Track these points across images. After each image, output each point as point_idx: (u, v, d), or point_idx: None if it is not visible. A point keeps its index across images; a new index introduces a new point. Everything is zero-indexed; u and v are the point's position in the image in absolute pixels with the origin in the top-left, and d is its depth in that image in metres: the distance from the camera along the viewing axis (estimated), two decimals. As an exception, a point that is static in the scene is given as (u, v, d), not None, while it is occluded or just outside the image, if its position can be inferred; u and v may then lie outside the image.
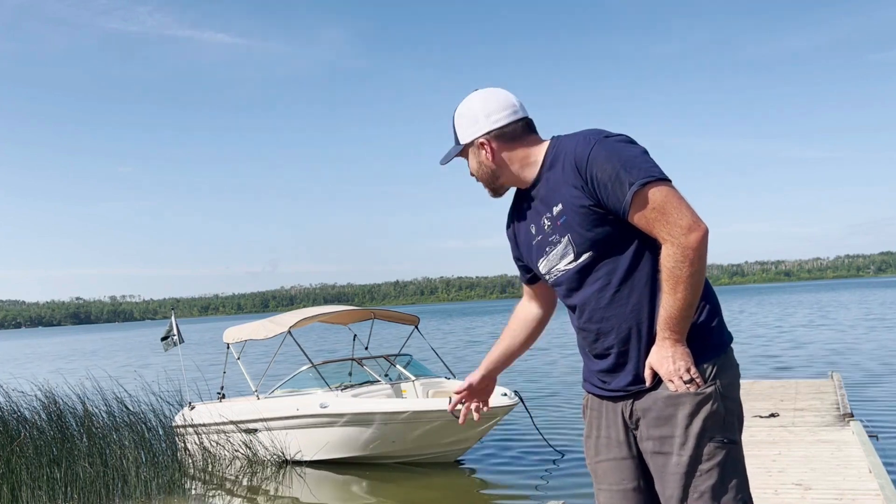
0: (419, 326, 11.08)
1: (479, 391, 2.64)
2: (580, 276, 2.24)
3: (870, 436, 7.01)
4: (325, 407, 8.97)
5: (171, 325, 10.81)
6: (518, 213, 2.43)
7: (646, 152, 2.15)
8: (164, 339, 10.85)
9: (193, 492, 8.70)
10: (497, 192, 2.36)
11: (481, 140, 2.31)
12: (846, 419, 7.80)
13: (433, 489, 8.35)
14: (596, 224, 2.16)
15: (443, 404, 8.43)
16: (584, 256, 2.20)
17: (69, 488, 7.90)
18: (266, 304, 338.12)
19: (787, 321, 35.17)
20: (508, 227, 2.53)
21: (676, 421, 2.14)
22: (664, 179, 2.09)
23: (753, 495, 2.27)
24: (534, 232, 2.34)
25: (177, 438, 9.56)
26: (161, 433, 9.35)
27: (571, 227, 2.20)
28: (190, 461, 9.39)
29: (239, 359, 10.32)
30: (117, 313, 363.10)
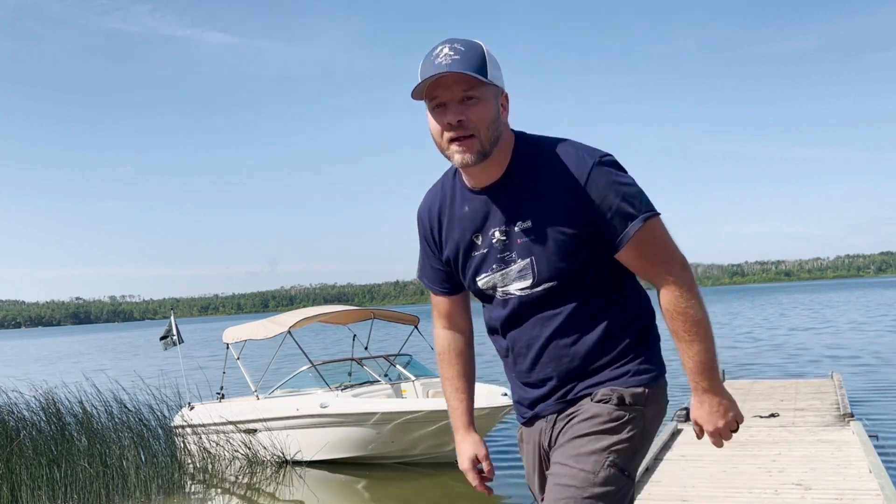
0: (419, 326, 11.08)
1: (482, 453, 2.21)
2: (532, 304, 1.99)
3: (870, 436, 7.01)
4: (325, 407, 8.96)
5: (170, 325, 10.81)
6: (452, 211, 2.05)
7: (634, 178, 1.96)
8: (163, 338, 10.85)
9: (193, 492, 8.70)
10: (486, 156, 1.90)
11: (506, 94, 1.97)
12: (846, 419, 7.80)
13: (433, 489, 8.34)
14: (571, 254, 1.92)
15: (443, 404, 8.43)
16: (545, 286, 1.95)
17: (69, 488, 7.89)
18: (266, 304, 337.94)
19: (787, 321, 35.16)
20: (430, 223, 2.12)
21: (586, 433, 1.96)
22: (659, 214, 1.94)
23: (754, 495, 2.26)
24: (478, 242, 2.01)
25: (176, 439, 9.55)
26: (160, 433, 9.34)
27: (540, 251, 1.93)
28: (189, 461, 9.38)
29: (238, 359, 10.31)
30: (117, 313, 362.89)
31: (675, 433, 7.51)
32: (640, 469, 5.92)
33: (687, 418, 8.25)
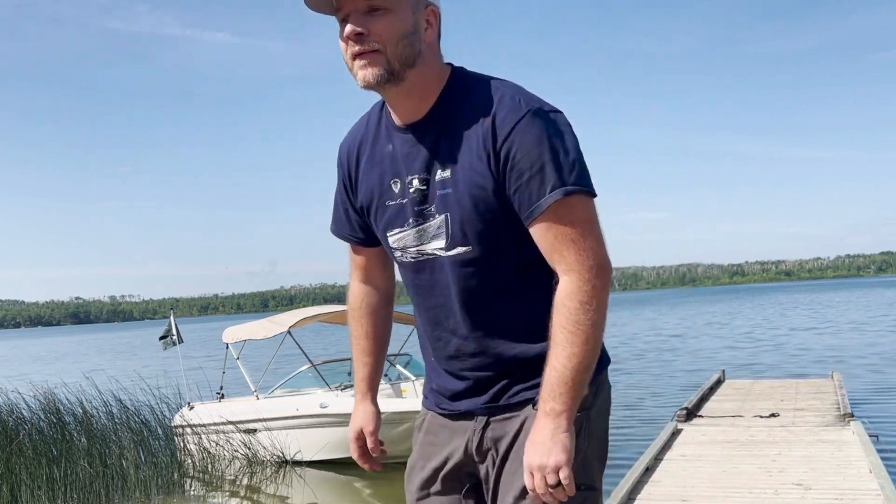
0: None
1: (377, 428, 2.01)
2: (446, 273, 1.69)
3: (870, 436, 7.01)
4: (325, 407, 8.96)
5: (170, 325, 10.81)
6: (374, 148, 1.75)
7: (579, 146, 1.62)
8: (162, 338, 10.85)
9: (193, 492, 8.69)
10: (395, 76, 1.59)
11: (434, 8, 1.66)
12: (846, 419, 7.80)
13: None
14: (489, 214, 1.62)
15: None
16: (460, 250, 1.65)
17: (68, 488, 7.89)
18: (266, 303, 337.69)
19: (787, 321, 35.15)
20: (348, 161, 1.82)
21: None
22: (594, 194, 1.60)
23: (754, 495, 2.22)
24: (395, 189, 1.71)
25: (176, 439, 9.54)
26: (160, 433, 9.33)
27: (455, 207, 1.63)
28: (189, 461, 9.38)
29: (238, 359, 10.30)
30: (117, 313, 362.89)
31: (675, 433, 7.50)
32: (640, 469, 5.93)
33: (687, 418, 8.25)
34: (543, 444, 1.56)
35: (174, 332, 10.72)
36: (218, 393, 10.35)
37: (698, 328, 33.66)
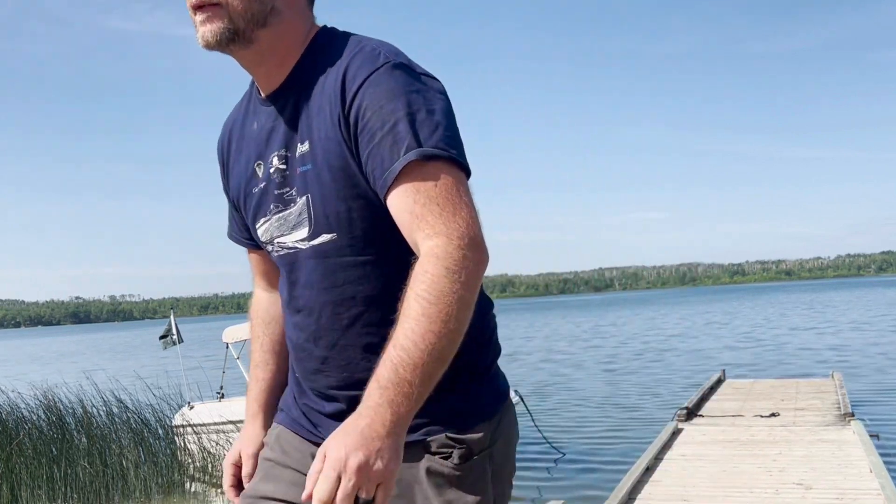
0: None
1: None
2: (309, 267, 1.39)
3: (870, 435, 7.01)
4: (324, 407, 8.96)
5: (169, 325, 10.82)
6: (242, 130, 1.50)
7: (452, 116, 1.30)
8: (162, 337, 10.86)
9: (193, 492, 8.69)
10: (239, 36, 1.32)
11: None
12: (847, 419, 7.80)
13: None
14: (354, 192, 1.32)
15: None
16: (324, 238, 1.36)
17: (69, 488, 7.89)
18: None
19: (787, 321, 35.16)
20: (222, 150, 1.57)
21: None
22: (464, 166, 1.27)
23: (754, 494, 2.21)
24: (259, 173, 1.44)
25: (176, 438, 9.54)
26: (160, 433, 9.33)
27: (316, 185, 1.34)
28: (189, 461, 9.38)
29: (238, 358, 10.31)
30: (117, 313, 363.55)
31: (676, 433, 7.50)
32: (641, 468, 5.93)
33: (687, 417, 8.24)
34: (362, 439, 1.10)
35: (174, 331, 10.73)
36: (218, 392, 10.35)
37: (698, 328, 33.68)
